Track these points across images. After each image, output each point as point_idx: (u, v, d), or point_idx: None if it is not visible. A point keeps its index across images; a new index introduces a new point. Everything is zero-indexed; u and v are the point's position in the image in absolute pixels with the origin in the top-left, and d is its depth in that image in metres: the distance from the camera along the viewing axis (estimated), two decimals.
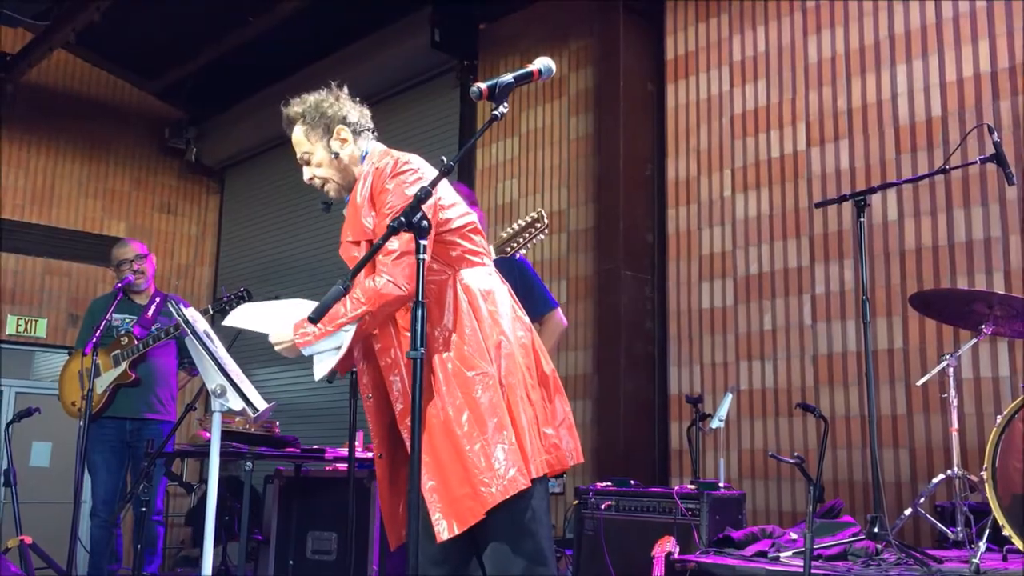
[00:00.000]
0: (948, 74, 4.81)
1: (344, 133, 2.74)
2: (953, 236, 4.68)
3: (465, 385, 2.44)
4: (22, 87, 8.62)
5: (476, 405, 2.41)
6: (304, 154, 2.77)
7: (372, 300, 2.45)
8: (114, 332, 4.96)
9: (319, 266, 8.40)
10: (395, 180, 2.58)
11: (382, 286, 2.45)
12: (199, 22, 8.03)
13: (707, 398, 5.28)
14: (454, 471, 2.39)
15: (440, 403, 2.44)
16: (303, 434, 5.67)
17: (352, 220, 2.68)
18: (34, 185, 8.88)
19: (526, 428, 2.44)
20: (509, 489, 2.34)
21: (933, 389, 4.47)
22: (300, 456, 4.72)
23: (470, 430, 2.39)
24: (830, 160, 5.20)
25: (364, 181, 2.67)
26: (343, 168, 2.75)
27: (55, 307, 8.88)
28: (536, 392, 2.56)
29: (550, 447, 2.52)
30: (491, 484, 2.34)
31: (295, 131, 2.78)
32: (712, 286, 5.63)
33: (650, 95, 6.20)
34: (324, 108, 2.76)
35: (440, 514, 2.39)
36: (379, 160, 2.68)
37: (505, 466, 2.35)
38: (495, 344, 2.50)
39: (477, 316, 2.53)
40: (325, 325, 2.48)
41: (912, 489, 4.56)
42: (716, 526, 3.93)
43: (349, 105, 2.80)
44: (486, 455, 2.36)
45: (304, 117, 2.76)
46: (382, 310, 2.49)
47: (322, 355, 2.53)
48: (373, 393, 2.67)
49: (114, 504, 4.82)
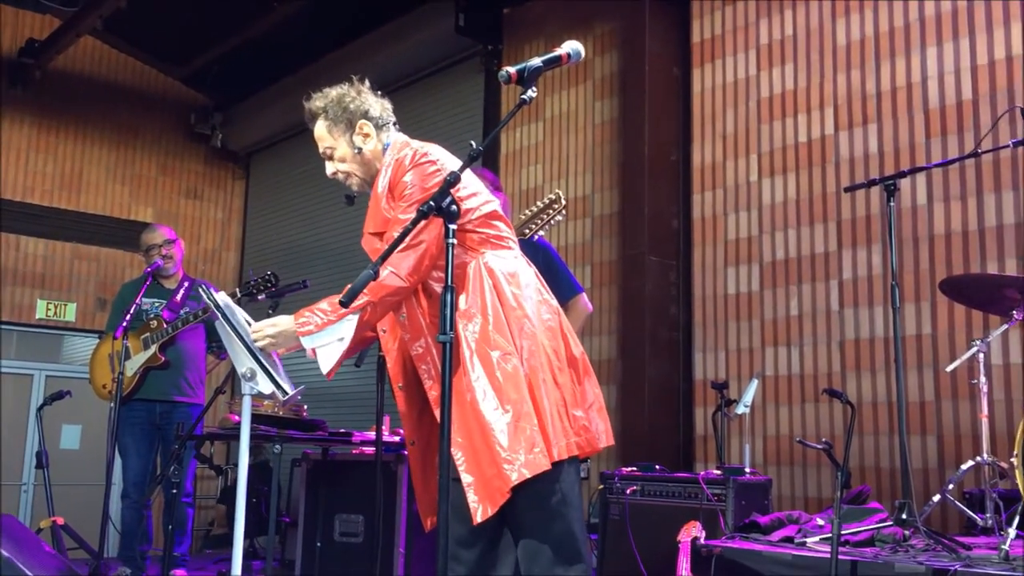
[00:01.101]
0: (979, 57, 4.75)
1: (367, 128, 2.75)
2: (984, 221, 4.63)
3: (488, 365, 2.45)
4: (50, 73, 8.69)
5: (499, 385, 2.42)
6: (327, 149, 2.79)
7: (374, 291, 2.45)
8: (144, 316, 5.01)
9: (344, 251, 8.44)
10: (414, 171, 2.60)
11: (384, 277, 2.46)
12: (225, 8, 8.06)
13: (732, 384, 5.26)
14: (484, 452, 2.40)
15: (466, 383, 2.45)
16: (330, 417, 5.72)
17: (374, 211, 2.70)
18: (63, 171, 8.97)
19: (548, 410, 2.44)
20: (533, 468, 2.35)
21: (962, 375, 4.43)
22: (328, 439, 4.76)
23: (494, 408, 2.40)
24: (858, 144, 5.15)
25: (385, 172, 2.69)
26: (366, 162, 2.77)
27: (84, 291, 8.98)
28: (564, 374, 2.56)
29: (579, 429, 2.53)
30: (513, 464, 2.35)
31: (317, 126, 2.80)
32: (738, 271, 5.61)
33: (675, 79, 6.16)
34: (346, 103, 2.76)
35: (476, 496, 2.40)
36: (399, 151, 2.69)
37: (526, 447, 2.36)
38: (518, 326, 2.51)
39: (501, 298, 2.53)
40: (327, 315, 2.50)
41: (940, 476, 4.53)
42: (742, 512, 3.93)
43: (371, 99, 2.80)
44: (508, 435, 2.37)
45: (326, 112, 2.77)
46: (383, 301, 2.50)
47: (325, 347, 2.54)
48: (403, 382, 2.69)
49: (144, 486, 4.89)
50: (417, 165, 2.61)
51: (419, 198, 2.54)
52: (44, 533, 5.02)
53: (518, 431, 2.37)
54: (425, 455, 2.68)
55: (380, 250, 2.63)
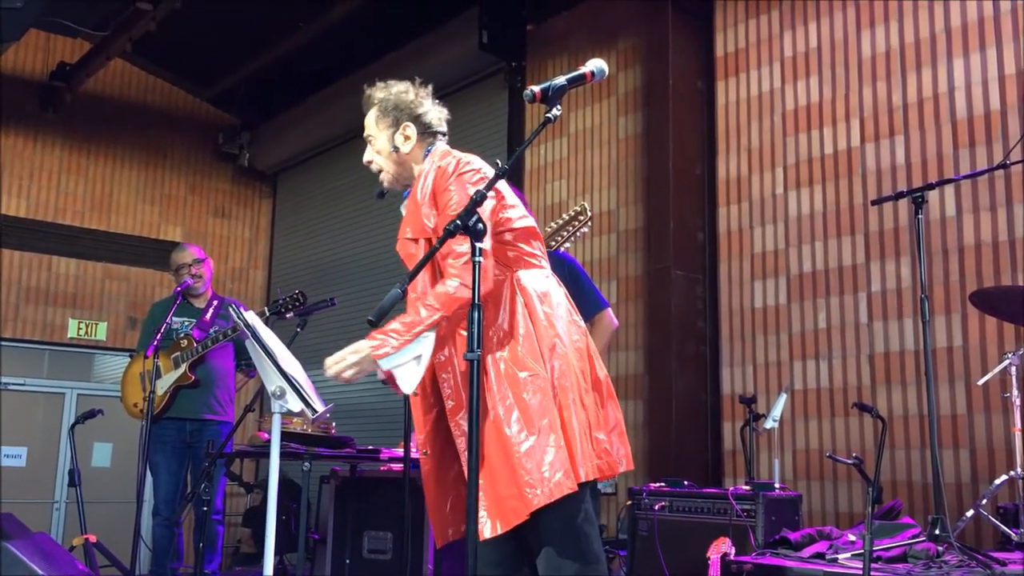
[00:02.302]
0: (1007, 67, 4.71)
1: (409, 130, 2.76)
2: (1014, 232, 4.58)
3: (516, 386, 2.44)
4: (80, 96, 8.83)
5: (526, 406, 2.42)
6: (368, 136, 2.82)
7: (447, 304, 2.44)
8: (174, 335, 5.06)
9: (370, 268, 8.49)
10: (458, 180, 2.59)
11: (455, 289, 2.44)
12: (251, 30, 8.17)
13: (761, 398, 5.24)
14: (501, 471, 2.40)
15: (491, 402, 2.45)
16: (358, 434, 5.74)
17: (412, 217, 2.69)
18: (93, 192, 9.10)
19: (576, 432, 2.43)
20: (554, 492, 2.35)
21: (994, 388, 4.38)
22: (356, 456, 4.77)
23: (519, 431, 2.40)
24: (885, 156, 5.13)
25: (425, 179, 2.68)
26: (400, 162, 2.78)
27: (114, 311, 9.09)
28: (589, 396, 2.55)
29: (601, 452, 2.52)
30: (536, 487, 2.35)
31: (368, 114, 2.83)
32: (765, 285, 5.58)
33: (699, 93, 6.16)
34: (399, 101, 2.78)
35: (485, 512, 2.39)
36: (440, 159, 2.69)
37: (552, 469, 2.36)
38: (549, 346, 2.50)
39: (532, 317, 2.53)
40: (402, 335, 2.44)
41: (973, 490, 4.48)
42: (772, 527, 3.90)
43: (428, 104, 2.82)
44: (534, 457, 2.37)
45: (379, 103, 2.80)
46: (456, 314, 2.46)
47: (402, 367, 2.47)
48: (419, 389, 2.64)
49: (175, 503, 4.93)
50: (461, 174, 2.61)
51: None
52: (77, 551, 5.06)
53: (543, 454, 2.37)
54: (439, 467, 2.65)
55: (415, 256, 2.64)
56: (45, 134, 8.83)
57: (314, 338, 8.25)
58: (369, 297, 8.15)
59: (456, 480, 2.62)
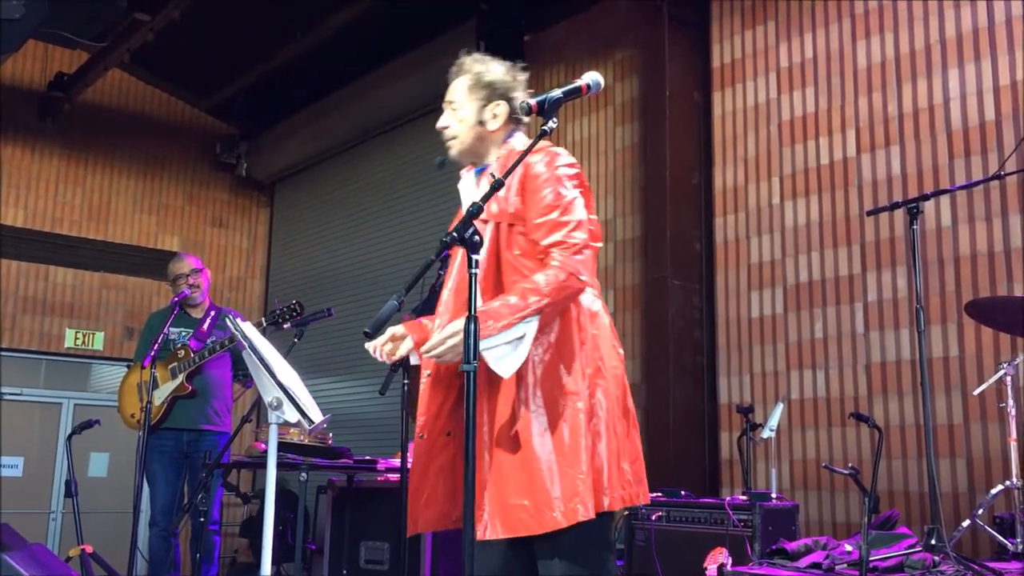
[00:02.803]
0: (1001, 78, 4.74)
1: (500, 109, 2.67)
2: (1009, 242, 4.60)
3: (552, 402, 2.38)
4: (78, 106, 8.85)
5: (558, 425, 2.35)
6: (453, 102, 2.71)
7: (556, 291, 2.36)
8: (171, 345, 5.07)
9: (368, 278, 8.50)
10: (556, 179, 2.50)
11: (566, 278, 2.36)
12: (249, 40, 8.19)
13: (758, 408, 5.24)
14: (516, 479, 2.35)
15: (521, 410, 2.38)
16: (355, 444, 5.74)
17: (495, 197, 2.52)
18: (91, 201, 9.11)
19: (605, 459, 2.38)
20: (570, 518, 2.29)
21: (990, 397, 4.39)
22: (353, 467, 4.77)
23: (545, 447, 2.34)
24: (881, 166, 5.15)
25: (516, 165, 2.50)
26: (481, 137, 2.69)
27: (111, 320, 9.09)
28: (620, 424, 2.48)
29: (625, 483, 2.45)
30: (555, 508, 2.29)
31: (459, 80, 2.72)
32: (761, 295, 5.59)
33: (696, 103, 6.18)
34: (497, 77, 2.69)
35: (487, 515, 2.36)
36: (537, 150, 2.55)
37: (572, 494, 2.30)
38: (592, 368, 2.44)
39: (581, 335, 2.46)
40: (505, 317, 2.32)
41: (970, 500, 4.48)
42: (769, 537, 3.90)
43: (521, 92, 2.72)
44: (557, 478, 2.31)
45: (475, 74, 2.70)
46: (563, 301, 2.40)
47: (498, 350, 2.35)
48: (433, 371, 2.56)
49: (172, 514, 4.92)
50: (567, 164, 2.53)
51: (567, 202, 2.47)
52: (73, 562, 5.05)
53: (566, 477, 2.32)
54: (428, 454, 2.55)
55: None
56: (43, 144, 8.85)
57: (311, 348, 8.26)
58: (366, 307, 8.16)
59: (437, 472, 2.53)
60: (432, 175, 8.09)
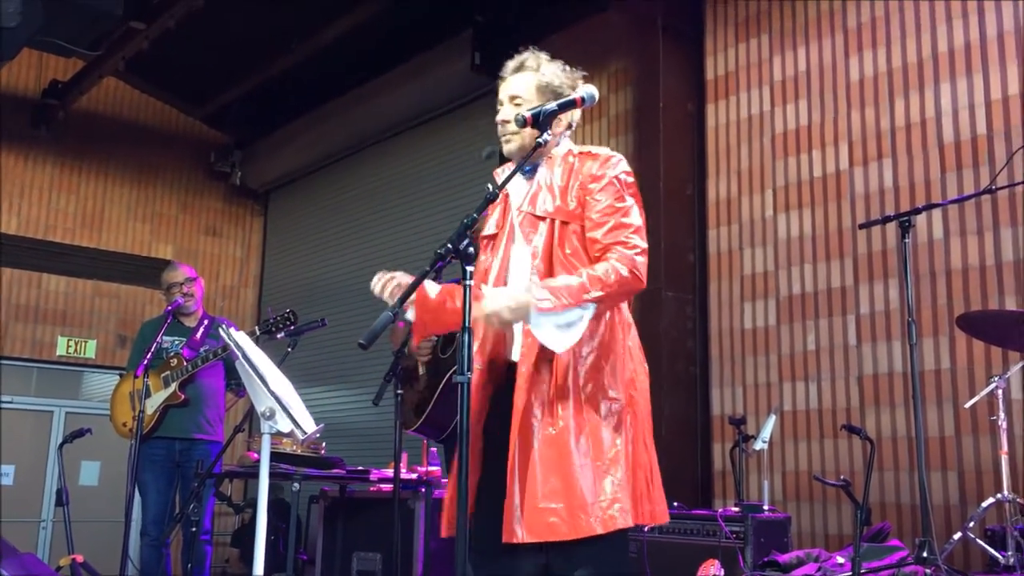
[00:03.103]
0: (993, 92, 4.77)
1: (565, 115, 2.63)
2: (1001, 255, 4.62)
3: (595, 404, 2.37)
4: (73, 114, 8.84)
5: (598, 430, 2.34)
6: (518, 98, 2.63)
7: (616, 285, 2.37)
8: (164, 354, 5.06)
9: (361, 288, 8.45)
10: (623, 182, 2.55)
11: (628, 275, 2.39)
12: (244, 49, 8.21)
13: (750, 419, 5.26)
14: (550, 481, 2.30)
15: (560, 412, 2.35)
16: (348, 454, 5.73)
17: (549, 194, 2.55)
18: (84, 209, 9.10)
19: (643, 471, 2.38)
20: (608, 525, 2.25)
21: (982, 410, 4.41)
22: (346, 477, 4.76)
23: (584, 451, 2.31)
24: (873, 179, 5.17)
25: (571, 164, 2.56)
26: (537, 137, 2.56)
27: (104, 328, 9.07)
28: (650, 439, 2.49)
29: (655, 498, 2.44)
30: (591, 514, 2.26)
31: (525, 76, 2.65)
32: (754, 306, 5.61)
33: (690, 115, 6.21)
34: (559, 83, 2.66)
35: (516, 518, 2.30)
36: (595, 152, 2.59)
37: (609, 501, 2.28)
38: (630, 378, 2.46)
39: (625, 342, 2.48)
40: (568, 298, 2.31)
41: (961, 512, 4.49)
42: (761, 549, 3.91)
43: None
44: (593, 483, 2.29)
45: (546, 74, 2.66)
46: (619, 297, 2.44)
47: (548, 329, 2.31)
48: (482, 362, 2.53)
49: (164, 523, 4.90)
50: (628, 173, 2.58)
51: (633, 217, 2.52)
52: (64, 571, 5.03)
53: (605, 483, 2.29)
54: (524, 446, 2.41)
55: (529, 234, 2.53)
56: (37, 151, 8.84)
57: (305, 357, 8.25)
58: (360, 316, 8.15)
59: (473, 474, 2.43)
60: (427, 185, 8.10)
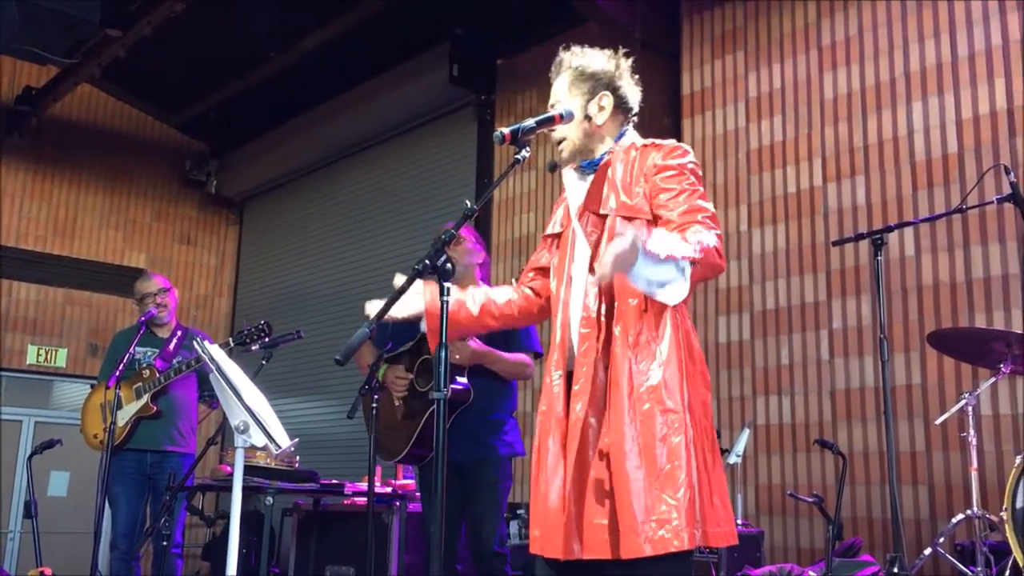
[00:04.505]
0: (964, 111, 4.84)
1: (606, 101, 2.51)
2: (971, 272, 4.68)
3: (650, 419, 2.19)
4: (46, 120, 8.76)
5: (652, 446, 2.18)
6: (556, 103, 2.52)
7: (706, 253, 2.16)
8: (136, 365, 5.00)
9: (335, 299, 8.46)
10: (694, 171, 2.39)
11: (714, 247, 2.18)
12: (222, 58, 8.17)
13: (724, 433, 5.28)
14: (602, 497, 2.21)
15: (615, 424, 2.22)
16: (322, 466, 5.69)
17: (611, 190, 2.42)
18: (56, 216, 9.00)
19: (697, 489, 2.19)
20: (658, 546, 2.10)
21: (952, 426, 4.45)
22: (319, 491, 4.73)
23: (637, 466, 2.16)
24: (846, 196, 5.23)
25: (635, 158, 2.44)
26: (590, 133, 2.50)
27: (75, 337, 8.97)
28: (711, 456, 2.28)
29: (720, 519, 2.24)
30: (640, 534, 2.11)
31: (560, 79, 2.56)
32: (729, 320, 5.64)
33: (666, 130, 6.24)
34: (599, 68, 2.55)
35: (573, 534, 2.21)
36: (660, 144, 2.46)
37: (661, 520, 2.12)
38: (690, 389, 2.26)
39: (686, 353, 2.29)
40: (668, 249, 2.10)
41: (932, 527, 4.54)
42: (734, 564, 3.92)
43: (627, 81, 2.58)
44: (645, 502, 2.14)
45: (575, 69, 2.55)
46: (707, 268, 2.19)
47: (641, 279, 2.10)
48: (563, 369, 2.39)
49: (134, 536, 4.84)
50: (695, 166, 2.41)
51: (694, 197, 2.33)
52: None
53: (658, 501, 2.14)
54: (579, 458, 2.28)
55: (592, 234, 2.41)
56: (9, 158, 8.74)
57: (279, 368, 8.19)
58: (334, 328, 8.12)
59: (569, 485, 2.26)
60: (403, 197, 8.09)
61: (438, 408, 2.17)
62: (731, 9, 5.99)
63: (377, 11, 7.06)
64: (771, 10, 5.78)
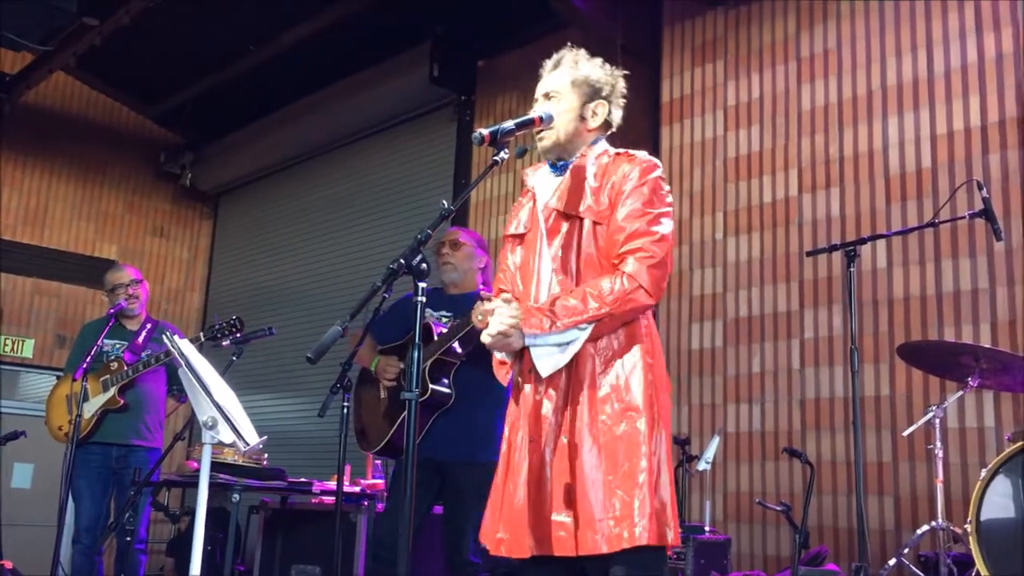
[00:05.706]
0: (939, 127, 4.89)
1: (601, 109, 2.61)
2: (941, 286, 4.73)
3: (611, 419, 2.28)
4: (19, 108, 8.63)
5: (613, 445, 2.25)
6: (553, 92, 2.59)
7: (619, 302, 2.27)
8: (104, 357, 4.94)
9: (309, 296, 8.41)
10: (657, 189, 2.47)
11: (632, 290, 2.28)
12: (200, 50, 8.10)
13: (694, 439, 5.30)
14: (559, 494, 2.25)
15: (575, 423, 2.29)
16: (290, 463, 5.65)
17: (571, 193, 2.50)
18: (27, 205, 8.88)
19: (666, 486, 2.27)
20: (613, 544, 2.16)
21: (919, 437, 4.50)
22: (287, 489, 4.70)
23: (596, 465, 2.24)
24: (821, 207, 5.27)
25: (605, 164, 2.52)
26: (575, 133, 2.58)
27: (43, 328, 8.84)
28: (667, 456, 2.35)
29: (669, 519, 2.29)
30: (597, 531, 2.18)
31: (561, 72, 2.61)
32: (702, 327, 5.67)
33: (645, 136, 6.26)
34: (606, 79, 2.63)
35: (528, 531, 2.25)
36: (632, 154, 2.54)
37: (617, 519, 2.18)
38: (652, 393, 2.33)
39: (651, 352, 2.38)
40: (561, 319, 2.27)
41: (897, 537, 4.58)
42: (701, 571, 3.94)
43: (619, 100, 2.68)
44: (603, 500, 2.21)
45: (583, 70, 2.62)
46: (625, 315, 2.31)
47: (542, 348, 2.31)
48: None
49: (97, 531, 4.78)
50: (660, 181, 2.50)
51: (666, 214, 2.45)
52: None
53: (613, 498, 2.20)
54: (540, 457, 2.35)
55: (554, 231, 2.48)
56: None
57: (249, 364, 8.13)
58: (307, 324, 8.07)
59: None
60: (380, 195, 8.06)
61: (409, 410, 2.16)
62: (712, 18, 6.02)
63: (358, 8, 7.03)
64: (752, 21, 5.82)
